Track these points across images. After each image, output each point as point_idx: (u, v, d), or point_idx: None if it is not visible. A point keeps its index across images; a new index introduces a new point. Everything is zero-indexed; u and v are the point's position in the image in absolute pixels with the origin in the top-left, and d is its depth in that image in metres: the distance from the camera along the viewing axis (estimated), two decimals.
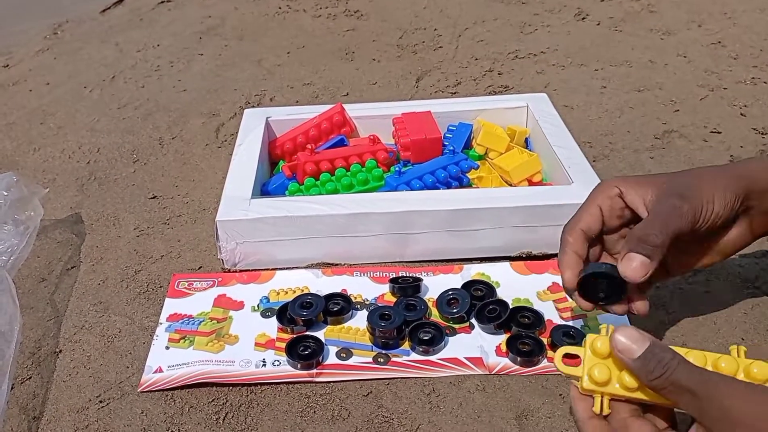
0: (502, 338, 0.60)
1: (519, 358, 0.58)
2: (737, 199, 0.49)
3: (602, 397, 0.43)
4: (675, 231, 0.46)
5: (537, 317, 0.61)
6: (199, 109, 1.05)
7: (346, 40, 1.26)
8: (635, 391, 0.42)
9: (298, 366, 0.58)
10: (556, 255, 0.69)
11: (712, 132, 0.90)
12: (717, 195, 0.48)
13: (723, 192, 0.48)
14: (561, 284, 0.52)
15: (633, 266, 0.46)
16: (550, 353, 0.58)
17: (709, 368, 0.42)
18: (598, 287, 0.50)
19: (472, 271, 0.68)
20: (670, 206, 0.47)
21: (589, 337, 0.44)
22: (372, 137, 0.82)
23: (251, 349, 0.61)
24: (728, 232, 0.51)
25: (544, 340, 0.59)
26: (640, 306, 0.51)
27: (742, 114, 0.94)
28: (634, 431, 0.42)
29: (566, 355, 0.45)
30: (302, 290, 0.67)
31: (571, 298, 0.53)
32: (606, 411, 0.43)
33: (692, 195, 0.47)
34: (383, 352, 0.60)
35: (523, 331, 0.60)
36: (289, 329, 0.62)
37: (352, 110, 0.85)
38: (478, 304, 0.63)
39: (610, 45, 1.16)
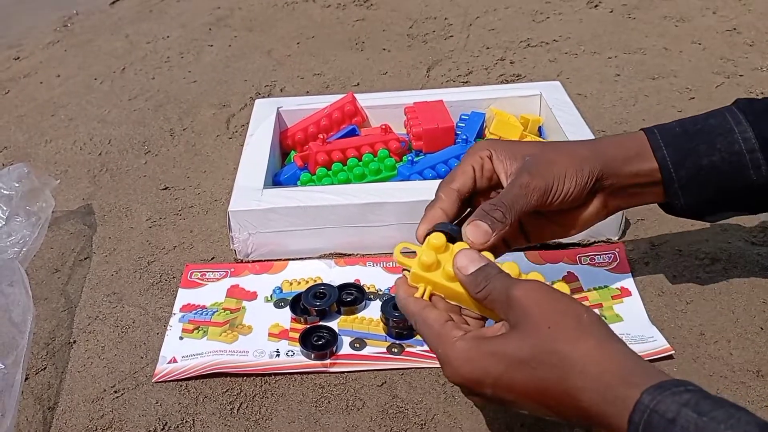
0: None
1: None
2: (590, 178, 0.51)
3: (426, 287, 0.48)
4: (522, 209, 0.49)
5: None
6: (210, 100, 1.04)
7: (355, 30, 1.25)
8: (459, 296, 0.47)
9: (312, 356, 0.58)
10: (570, 245, 0.69)
11: None
12: (569, 173, 0.50)
13: (576, 171, 0.50)
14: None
15: (476, 233, 0.48)
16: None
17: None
18: None
19: None
20: (519, 184, 0.49)
21: (429, 237, 0.48)
22: (384, 127, 0.81)
23: (265, 340, 0.61)
24: (583, 208, 0.53)
25: None
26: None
27: None
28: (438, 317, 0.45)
29: (404, 251, 0.49)
30: (315, 280, 0.67)
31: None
32: (427, 297, 0.48)
33: (544, 172, 0.50)
34: (397, 342, 0.60)
35: None
36: (302, 319, 0.62)
37: (364, 100, 0.84)
38: None
39: (624, 32, 1.15)
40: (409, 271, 0.48)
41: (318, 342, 0.59)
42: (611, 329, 0.40)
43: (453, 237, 0.49)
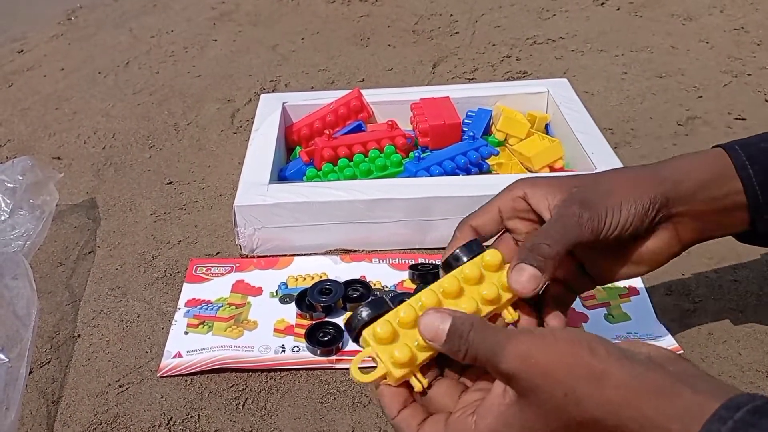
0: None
1: None
2: (652, 206, 0.44)
3: (415, 374, 0.39)
4: (572, 241, 0.42)
5: None
6: (214, 94, 1.04)
7: (360, 26, 1.24)
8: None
9: (318, 352, 0.58)
10: None
11: (736, 119, 0.88)
12: (626, 202, 0.43)
13: (634, 199, 0.43)
14: None
15: (522, 279, 0.40)
16: None
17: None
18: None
19: None
20: (568, 214, 0.42)
21: (365, 332, 0.39)
22: (390, 123, 0.81)
23: (270, 335, 0.60)
24: (649, 240, 0.46)
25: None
26: (553, 322, 0.44)
27: (766, 100, 0.92)
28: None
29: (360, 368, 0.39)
30: (321, 276, 0.66)
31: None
32: (425, 383, 0.39)
33: (597, 202, 0.43)
34: None
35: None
36: (308, 315, 0.62)
37: (370, 95, 0.84)
38: None
39: (630, 30, 1.14)
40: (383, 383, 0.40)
41: (324, 338, 0.59)
42: (620, 347, 0.34)
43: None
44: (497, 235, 0.47)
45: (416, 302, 0.40)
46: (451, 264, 0.43)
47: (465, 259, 0.42)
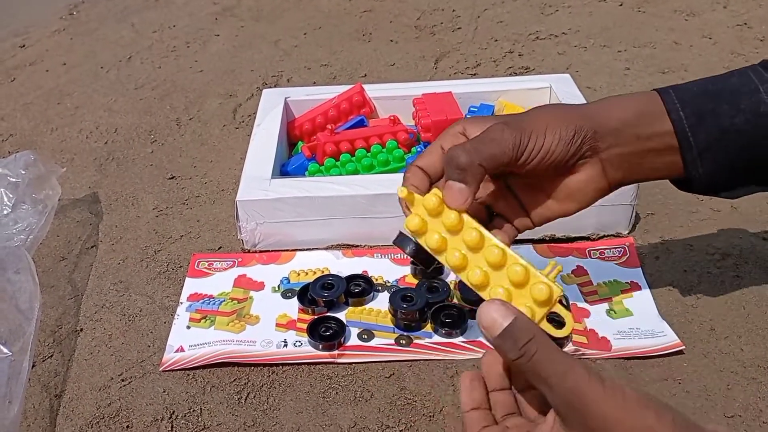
0: None
1: None
2: (576, 136, 0.45)
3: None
4: (490, 155, 0.43)
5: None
6: (216, 89, 1.04)
7: (363, 21, 1.24)
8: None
9: (320, 347, 0.58)
10: (580, 238, 0.69)
11: None
12: (551, 128, 0.44)
13: (559, 126, 0.44)
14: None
15: (451, 194, 0.44)
16: (574, 337, 0.57)
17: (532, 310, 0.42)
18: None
19: None
20: (490, 130, 0.44)
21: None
22: (392, 118, 0.81)
23: (272, 330, 0.60)
24: (576, 175, 0.47)
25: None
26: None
27: None
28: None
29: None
30: (323, 271, 0.66)
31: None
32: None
33: (521, 125, 0.44)
34: (405, 333, 0.59)
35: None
36: (310, 310, 0.62)
37: (372, 91, 0.84)
38: None
39: (633, 26, 1.14)
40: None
41: (326, 333, 0.59)
42: (686, 419, 0.33)
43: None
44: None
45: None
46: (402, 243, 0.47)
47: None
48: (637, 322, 0.59)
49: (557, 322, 0.43)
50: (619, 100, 0.47)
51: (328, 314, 0.61)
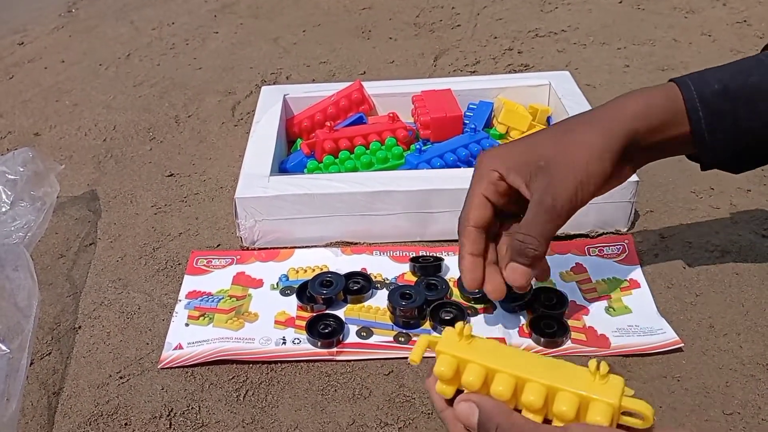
0: (525, 319, 0.59)
1: (543, 339, 0.57)
2: (612, 164, 0.48)
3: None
4: (553, 233, 0.48)
5: (560, 298, 0.60)
6: (215, 87, 1.04)
7: (362, 19, 1.24)
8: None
9: (319, 344, 0.58)
10: (579, 236, 0.69)
11: None
12: (591, 170, 0.47)
13: (598, 167, 0.47)
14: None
15: (515, 276, 0.48)
16: (573, 335, 0.57)
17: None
18: None
19: None
20: (545, 208, 0.47)
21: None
22: (391, 115, 0.81)
23: (271, 327, 0.60)
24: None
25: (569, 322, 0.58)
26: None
27: None
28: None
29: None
30: (321, 269, 0.66)
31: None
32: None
33: (568, 184, 0.47)
34: (404, 331, 0.59)
35: (546, 311, 0.59)
36: (308, 307, 0.62)
37: (371, 88, 0.84)
38: None
39: (633, 23, 1.14)
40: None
41: (325, 330, 0.59)
42: None
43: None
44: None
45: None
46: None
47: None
48: (636, 320, 0.59)
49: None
50: (643, 105, 0.49)
51: (327, 312, 0.61)
